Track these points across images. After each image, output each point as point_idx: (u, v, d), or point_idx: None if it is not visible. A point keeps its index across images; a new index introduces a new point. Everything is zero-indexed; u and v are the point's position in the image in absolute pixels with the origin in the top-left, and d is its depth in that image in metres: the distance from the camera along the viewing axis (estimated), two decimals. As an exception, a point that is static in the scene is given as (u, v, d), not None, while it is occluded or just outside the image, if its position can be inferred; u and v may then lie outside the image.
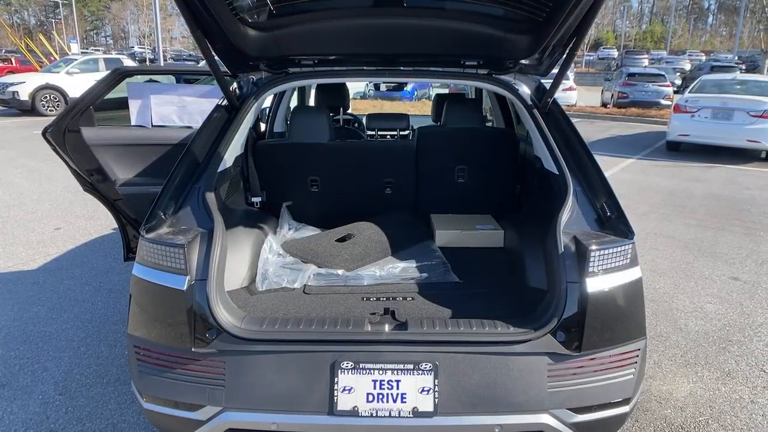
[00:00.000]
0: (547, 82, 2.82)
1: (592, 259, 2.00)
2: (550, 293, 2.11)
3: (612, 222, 2.18)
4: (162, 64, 21.90)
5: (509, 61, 2.77)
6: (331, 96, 5.16)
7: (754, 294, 4.63)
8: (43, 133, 3.19)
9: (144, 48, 52.11)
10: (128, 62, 19.42)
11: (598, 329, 2.01)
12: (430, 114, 5.18)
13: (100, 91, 3.29)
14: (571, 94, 19.76)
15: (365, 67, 2.92)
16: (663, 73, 20.36)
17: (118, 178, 3.39)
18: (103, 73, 16.82)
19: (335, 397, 1.95)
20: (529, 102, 2.74)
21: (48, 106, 16.44)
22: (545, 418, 1.97)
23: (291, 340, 2.01)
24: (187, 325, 1.99)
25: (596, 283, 2.01)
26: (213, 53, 2.45)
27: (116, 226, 3.77)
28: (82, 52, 32.63)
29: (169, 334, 2.03)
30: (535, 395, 1.97)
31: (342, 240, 2.97)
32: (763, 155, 11.08)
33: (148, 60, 39.57)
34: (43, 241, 5.68)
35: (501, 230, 3.16)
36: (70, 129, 3.24)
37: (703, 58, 44.97)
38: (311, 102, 5.76)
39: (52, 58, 27.60)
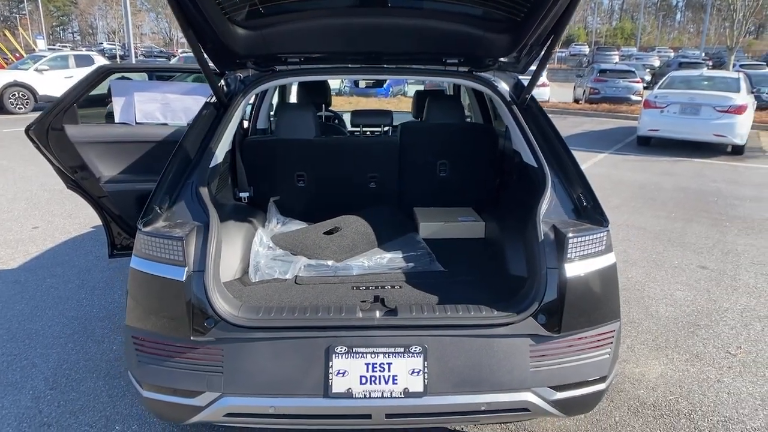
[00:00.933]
0: (524, 79, 2.94)
1: (570, 246, 2.13)
2: (531, 278, 2.23)
3: (588, 211, 2.32)
4: (134, 60, 21.54)
5: (489, 59, 2.88)
6: (313, 93, 5.22)
7: (721, 281, 4.84)
8: (26, 131, 3.19)
9: (113, 44, 51.06)
10: (99, 58, 19.01)
11: (576, 312, 2.14)
12: (406, 110, 5.27)
13: (83, 88, 3.29)
14: (544, 90, 20.00)
15: (350, 65, 3.00)
16: (633, 69, 20.72)
17: (103, 175, 3.41)
18: (73, 70, 16.58)
19: (330, 381, 2.04)
20: (508, 98, 2.85)
21: (17, 104, 16.06)
22: (528, 396, 2.09)
23: (287, 327, 2.10)
24: (186, 315, 2.06)
25: (574, 269, 2.14)
26: (203, 52, 2.51)
27: (97, 224, 3.77)
28: (49, 49, 31.84)
29: (167, 324, 2.09)
30: (518, 375, 2.09)
31: (329, 233, 3.05)
32: (729, 149, 11.40)
33: (118, 56, 38.80)
34: (21, 240, 5.63)
35: (482, 222, 3.28)
36: (53, 127, 3.24)
37: (672, 54, 45.80)
38: (293, 99, 5.81)
39: (18, 54, 26.92)
